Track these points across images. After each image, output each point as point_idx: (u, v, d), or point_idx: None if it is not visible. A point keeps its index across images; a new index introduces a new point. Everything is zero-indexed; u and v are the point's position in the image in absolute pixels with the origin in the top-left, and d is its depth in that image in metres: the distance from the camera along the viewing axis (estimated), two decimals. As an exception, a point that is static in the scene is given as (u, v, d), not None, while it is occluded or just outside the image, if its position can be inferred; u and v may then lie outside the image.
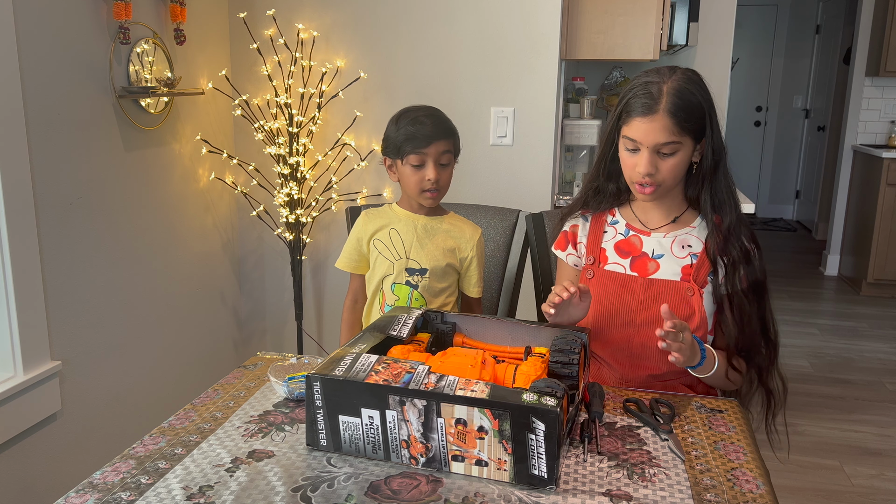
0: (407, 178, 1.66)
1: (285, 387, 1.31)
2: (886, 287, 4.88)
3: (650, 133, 1.36)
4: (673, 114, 1.35)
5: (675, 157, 1.39)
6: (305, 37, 2.59)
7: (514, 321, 1.38)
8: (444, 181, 1.67)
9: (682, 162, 1.40)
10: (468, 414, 1.05)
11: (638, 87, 1.39)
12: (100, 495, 1.03)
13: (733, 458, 1.15)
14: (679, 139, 1.37)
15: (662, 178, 1.40)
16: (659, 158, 1.38)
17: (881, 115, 5.25)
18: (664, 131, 1.35)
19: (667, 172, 1.39)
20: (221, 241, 2.73)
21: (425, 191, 1.66)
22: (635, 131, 1.38)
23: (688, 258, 1.47)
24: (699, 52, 3.58)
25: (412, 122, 1.63)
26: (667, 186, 1.42)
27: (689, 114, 1.36)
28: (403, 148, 1.63)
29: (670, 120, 1.35)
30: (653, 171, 1.39)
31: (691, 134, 1.38)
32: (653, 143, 1.37)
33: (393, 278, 1.71)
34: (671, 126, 1.35)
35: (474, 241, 1.75)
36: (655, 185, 1.40)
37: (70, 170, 1.94)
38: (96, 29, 2.00)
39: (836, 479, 2.67)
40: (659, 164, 1.39)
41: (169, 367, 2.45)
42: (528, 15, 2.49)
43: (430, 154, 1.63)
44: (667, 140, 1.36)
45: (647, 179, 1.40)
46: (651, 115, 1.36)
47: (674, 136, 1.36)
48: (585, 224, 1.58)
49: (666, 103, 1.35)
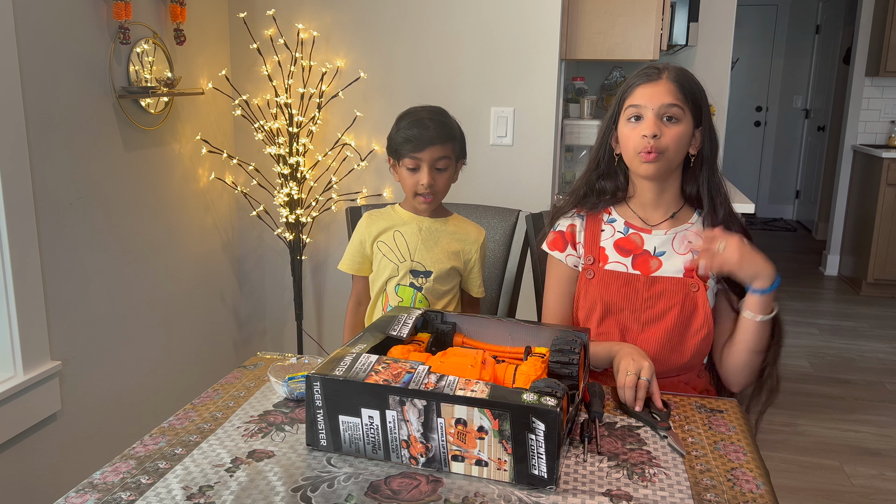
0: (404, 180, 1.67)
1: (285, 387, 1.31)
2: (886, 287, 4.88)
3: (655, 95, 1.41)
4: (677, 80, 1.41)
5: (678, 126, 1.41)
6: (305, 37, 2.59)
7: (514, 321, 1.38)
8: (439, 186, 1.65)
9: (684, 134, 1.42)
10: (468, 414, 1.05)
11: (639, 70, 1.46)
12: (100, 495, 1.03)
13: (733, 458, 1.15)
14: (682, 106, 1.40)
15: (666, 145, 1.40)
16: (663, 125, 1.41)
17: (881, 115, 5.25)
18: (669, 93, 1.40)
19: (670, 139, 1.40)
20: (221, 241, 2.73)
21: (419, 195, 1.65)
22: (640, 97, 1.42)
23: (689, 254, 1.47)
24: (699, 52, 3.58)
25: (412, 124, 1.62)
26: (668, 159, 1.42)
27: (692, 89, 1.41)
28: (400, 150, 1.63)
29: (674, 85, 1.41)
30: (657, 133, 1.40)
31: (692, 109, 1.42)
32: (658, 103, 1.40)
33: (397, 280, 1.70)
34: (675, 91, 1.40)
35: (479, 243, 1.74)
36: (658, 151, 1.40)
37: (70, 170, 1.94)
38: (96, 29, 2.00)
39: (836, 479, 2.67)
40: (663, 129, 1.40)
41: (169, 367, 2.45)
42: (528, 15, 2.49)
43: (425, 159, 1.61)
44: (672, 101, 1.40)
45: (650, 144, 1.40)
46: (656, 81, 1.42)
47: (678, 100, 1.40)
48: (582, 223, 1.56)
49: (669, 73, 1.42)
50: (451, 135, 1.65)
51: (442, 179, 1.65)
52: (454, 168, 1.68)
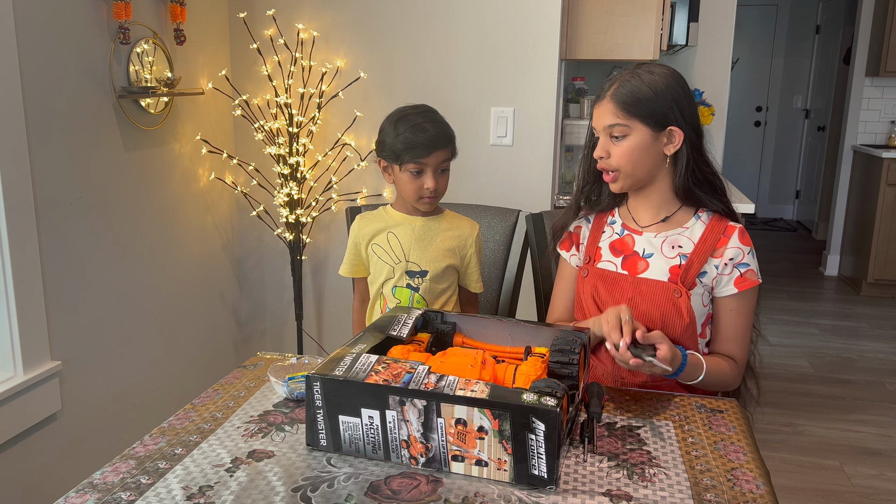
0: (404, 184, 1.65)
1: (285, 387, 1.31)
2: (886, 287, 4.88)
3: (599, 117, 1.46)
4: (616, 97, 1.43)
5: (625, 141, 1.43)
6: (305, 37, 2.59)
7: (514, 321, 1.38)
8: (442, 188, 1.66)
9: (635, 147, 1.43)
10: (468, 414, 1.05)
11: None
12: (100, 495, 1.03)
13: (733, 458, 1.15)
14: (625, 122, 1.42)
15: (617, 163, 1.45)
16: (612, 143, 1.45)
17: (881, 115, 5.25)
18: (609, 114, 1.44)
19: (618, 156, 1.44)
20: (221, 241, 2.73)
21: (423, 198, 1.65)
22: (593, 118, 1.48)
23: (677, 258, 1.47)
24: (699, 52, 3.58)
25: (413, 129, 1.60)
26: (626, 174, 1.45)
27: (636, 98, 1.42)
28: (402, 156, 1.61)
29: (613, 104, 1.43)
30: (604, 155, 1.46)
31: (641, 119, 1.42)
32: (602, 125, 1.45)
33: (394, 282, 1.70)
34: (615, 109, 1.43)
35: (473, 237, 1.75)
36: (611, 170, 1.46)
37: (70, 170, 1.94)
38: (96, 29, 2.00)
39: (836, 479, 2.67)
40: (611, 149, 1.45)
41: (169, 367, 2.45)
42: (528, 15, 2.49)
43: (430, 164, 1.61)
44: (612, 122, 1.43)
45: (601, 165, 1.47)
46: (600, 102, 1.46)
47: (618, 118, 1.42)
48: (588, 225, 1.60)
49: (613, 89, 1.44)
50: (451, 136, 1.67)
51: (444, 180, 1.67)
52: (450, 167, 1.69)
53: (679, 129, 1.43)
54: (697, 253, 1.45)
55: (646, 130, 1.42)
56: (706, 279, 1.45)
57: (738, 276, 1.44)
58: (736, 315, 1.47)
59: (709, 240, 1.46)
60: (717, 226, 1.47)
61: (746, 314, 1.48)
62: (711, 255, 1.45)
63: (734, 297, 1.46)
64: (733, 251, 1.44)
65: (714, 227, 1.46)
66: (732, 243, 1.45)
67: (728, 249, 1.44)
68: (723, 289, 1.46)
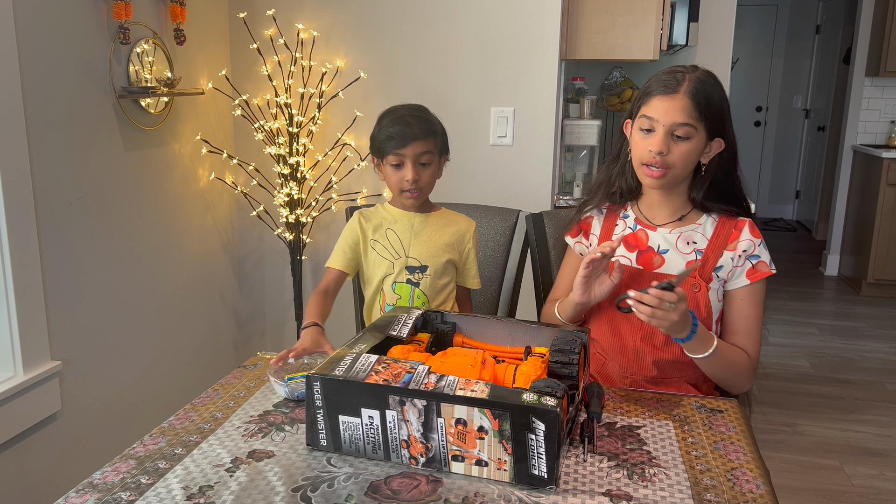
0: (388, 178, 1.68)
1: (285, 387, 1.31)
2: (886, 287, 4.88)
3: (669, 111, 1.38)
4: (693, 96, 1.37)
5: (688, 143, 1.39)
6: (305, 37, 2.59)
7: (514, 321, 1.38)
8: (424, 181, 1.66)
9: (694, 150, 1.41)
10: (468, 414, 1.05)
11: (661, 73, 1.43)
12: (100, 495, 1.03)
13: (733, 458, 1.15)
14: (695, 124, 1.38)
15: (673, 162, 1.40)
16: (672, 141, 1.39)
17: (881, 115, 5.25)
18: (682, 112, 1.37)
19: (678, 156, 1.40)
20: (221, 241, 2.73)
21: (405, 191, 1.66)
22: (654, 109, 1.40)
23: (692, 254, 1.48)
24: (699, 52, 3.58)
25: (393, 121, 1.63)
26: (674, 174, 1.42)
27: (709, 103, 1.38)
28: (383, 148, 1.64)
29: (690, 102, 1.37)
30: (664, 151, 1.39)
31: (706, 124, 1.39)
32: (670, 121, 1.38)
33: (393, 277, 1.70)
34: (690, 108, 1.37)
35: (470, 232, 1.76)
36: (665, 167, 1.40)
37: (70, 170, 1.94)
38: (96, 29, 2.00)
39: (836, 479, 2.67)
40: (672, 147, 1.39)
41: (169, 367, 2.45)
42: (528, 15, 2.49)
43: (408, 155, 1.62)
44: (684, 121, 1.37)
45: (657, 159, 1.39)
46: (672, 94, 1.38)
47: (691, 119, 1.37)
48: (600, 216, 1.60)
49: (688, 86, 1.38)
50: (433, 130, 1.66)
51: (426, 174, 1.66)
52: (438, 163, 1.69)
53: (724, 141, 1.43)
54: (712, 248, 1.47)
55: (704, 136, 1.41)
56: (722, 273, 1.47)
57: (751, 267, 1.47)
58: (747, 306, 1.47)
59: (721, 234, 1.48)
60: (727, 221, 1.49)
61: (758, 305, 1.48)
62: (725, 249, 1.47)
63: (745, 288, 1.47)
64: (746, 243, 1.47)
65: (725, 223, 1.49)
66: (744, 236, 1.47)
67: (741, 242, 1.47)
68: (735, 281, 1.47)
